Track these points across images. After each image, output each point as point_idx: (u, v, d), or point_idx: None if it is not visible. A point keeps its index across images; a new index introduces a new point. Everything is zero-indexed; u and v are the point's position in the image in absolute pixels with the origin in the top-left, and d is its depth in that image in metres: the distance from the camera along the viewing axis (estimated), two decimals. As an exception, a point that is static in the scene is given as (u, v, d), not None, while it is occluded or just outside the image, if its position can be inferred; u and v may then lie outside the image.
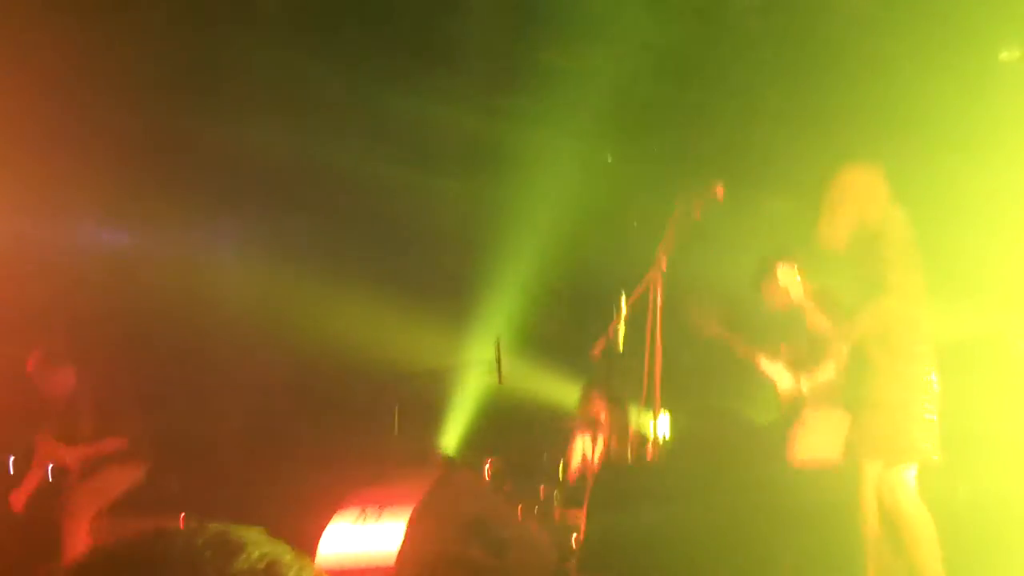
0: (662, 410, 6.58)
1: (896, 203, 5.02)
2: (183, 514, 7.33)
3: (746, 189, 6.29)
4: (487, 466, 7.02)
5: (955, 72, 6.81)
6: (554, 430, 7.40)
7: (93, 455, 7.02)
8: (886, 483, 4.73)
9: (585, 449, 7.22)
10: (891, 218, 4.96)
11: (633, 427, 7.02)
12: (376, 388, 7.83)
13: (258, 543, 1.06)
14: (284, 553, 1.07)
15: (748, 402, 7.59)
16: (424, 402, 8.78)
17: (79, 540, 6.82)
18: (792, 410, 5.95)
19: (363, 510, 5.00)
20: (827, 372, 5.77)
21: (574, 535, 6.19)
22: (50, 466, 7.10)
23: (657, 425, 5.26)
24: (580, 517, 5.83)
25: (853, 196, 4.99)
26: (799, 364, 5.95)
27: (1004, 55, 6.89)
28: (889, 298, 4.72)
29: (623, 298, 5.36)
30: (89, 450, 7.01)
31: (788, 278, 5.04)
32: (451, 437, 8.71)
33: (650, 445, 5.32)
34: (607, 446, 6.98)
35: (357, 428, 8.23)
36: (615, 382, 6.11)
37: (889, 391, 4.73)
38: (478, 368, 7.43)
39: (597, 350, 5.38)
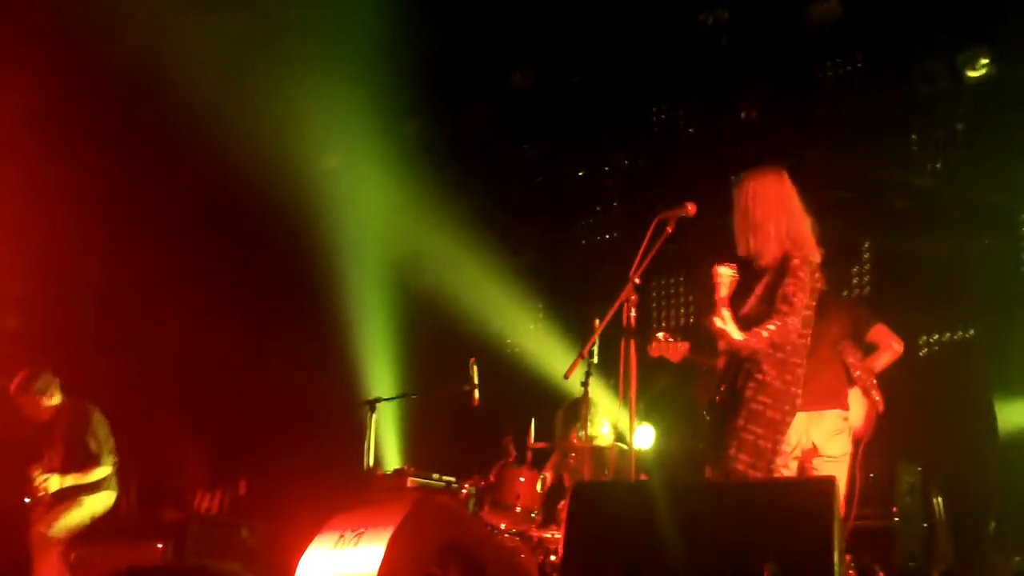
0: (639, 425, 6.59)
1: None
2: (160, 545, 7.26)
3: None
4: (465, 488, 6.99)
5: None
6: (531, 449, 7.38)
7: (71, 484, 6.92)
8: None
9: (563, 468, 7.20)
10: (802, 234, 4.90)
11: (611, 445, 7.03)
12: (349, 413, 7.80)
13: None
14: (263, 585, 1.07)
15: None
16: (398, 426, 8.75)
17: (50, 572, 6.73)
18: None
19: (341, 535, 4.98)
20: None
21: (552, 556, 6.18)
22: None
23: (634, 442, 5.24)
24: (559, 537, 5.82)
25: (765, 203, 4.92)
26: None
27: None
28: (794, 317, 4.69)
29: (597, 318, 5.36)
30: (67, 479, 6.91)
31: (724, 277, 4.94)
32: (427, 460, 8.67)
33: (629, 462, 5.30)
34: (585, 465, 6.98)
35: (332, 454, 8.19)
36: (591, 401, 6.11)
37: (776, 409, 4.70)
38: (453, 390, 7.40)
39: (571, 370, 5.36)
